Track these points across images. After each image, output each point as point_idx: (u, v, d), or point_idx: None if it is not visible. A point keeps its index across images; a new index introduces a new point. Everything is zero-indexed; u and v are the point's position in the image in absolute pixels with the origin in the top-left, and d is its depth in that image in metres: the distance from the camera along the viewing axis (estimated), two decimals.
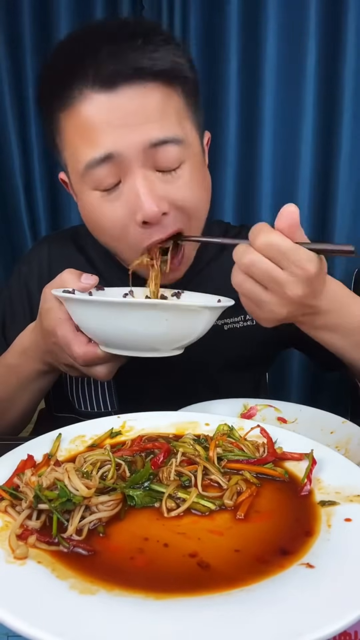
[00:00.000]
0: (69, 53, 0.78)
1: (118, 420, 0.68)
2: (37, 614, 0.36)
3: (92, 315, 0.68)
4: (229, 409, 0.83)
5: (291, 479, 0.56)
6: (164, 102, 0.76)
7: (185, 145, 0.79)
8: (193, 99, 0.83)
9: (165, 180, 0.78)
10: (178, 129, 0.78)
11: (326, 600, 0.37)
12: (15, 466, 0.55)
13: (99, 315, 0.67)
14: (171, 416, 0.70)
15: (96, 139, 0.75)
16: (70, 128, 0.78)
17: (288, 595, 0.38)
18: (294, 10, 1.66)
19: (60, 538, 0.45)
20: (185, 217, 0.81)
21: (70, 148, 0.80)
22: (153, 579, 0.41)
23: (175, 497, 0.52)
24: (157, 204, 0.76)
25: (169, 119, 0.77)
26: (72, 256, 1.02)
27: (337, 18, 1.65)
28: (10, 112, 1.81)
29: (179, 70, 0.78)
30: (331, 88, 1.70)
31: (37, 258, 1.04)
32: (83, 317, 0.70)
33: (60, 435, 0.62)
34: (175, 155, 0.77)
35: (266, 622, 0.36)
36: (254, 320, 0.98)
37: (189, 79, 0.81)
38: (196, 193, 0.82)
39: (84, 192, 0.81)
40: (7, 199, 1.89)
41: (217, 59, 1.73)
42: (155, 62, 0.74)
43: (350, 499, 0.50)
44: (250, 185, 1.77)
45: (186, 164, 0.80)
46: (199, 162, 0.84)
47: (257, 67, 1.71)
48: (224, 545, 0.45)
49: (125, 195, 0.77)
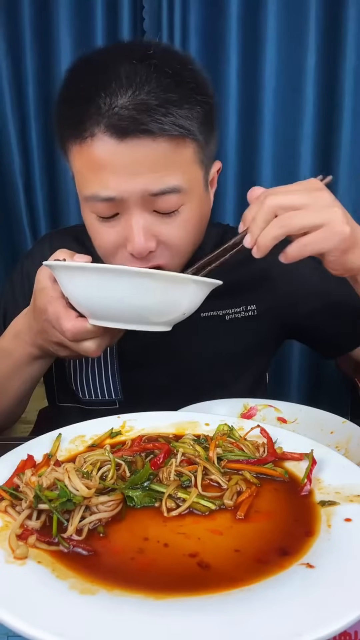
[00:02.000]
0: (86, 88, 0.77)
1: (118, 420, 0.68)
2: (37, 614, 0.36)
3: (79, 283, 0.69)
4: (229, 409, 0.83)
5: (291, 479, 0.56)
6: (172, 154, 0.76)
7: (187, 193, 0.79)
8: (206, 137, 0.82)
9: (162, 221, 0.80)
10: (181, 179, 0.78)
11: (326, 600, 0.37)
12: (15, 466, 0.55)
13: (85, 283, 0.68)
14: (171, 416, 0.70)
15: (101, 179, 0.77)
16: (80, 159, 0.79)
17: (288, 595, 0.38)
18: (294, 10, 1.66)
19: (60, 538, 0.45)
20: (171, 254, 0.82)
21: (78, 173, 0.82)
22: (153, 579, 0.41)
23: (176, 497, 0.52)
24: (147, 243, 0.78)
25: (173, 171, 0.77)
26: (74, 250, 1.02)
27: (337, 18, 1.65)
28: (10, 112, 1.80)
29: (189, 129, 0.77)
30: (331, 88, 1.70)
31: (39, 254, 1.05)
32: (70, 285, 0.71)
33: (60, 436, 0.62)
34: (175, 201, 0.79)
35: (266, 622, 0.36)
36: (255, 310, 0.99)
37: (201, 134, 0.79)
38: (190, 234, 0.83)
39: (85, 211, 0.84)
40: (7, 199, 1.89)
41: (217, 59, 1.73)
42: (165, 127, 0.74)
43: (350, 499, 0.50)
44: (250, 185, 1.77)
45: (186, 206, 0.81)
46: (200, 202, 0.84)
47: (257, 67, 1.71)
48: (224, 545, 0.45)
49: (121, 226, 0.80)
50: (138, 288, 0.66)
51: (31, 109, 1.82)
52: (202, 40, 1.73)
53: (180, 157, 0.78)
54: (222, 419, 0.68)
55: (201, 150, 0.81)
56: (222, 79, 1.73)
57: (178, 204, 0.79)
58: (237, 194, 1.78)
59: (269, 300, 1.00)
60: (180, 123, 0.75)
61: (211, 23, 1.71)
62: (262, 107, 1.73)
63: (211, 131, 0.84)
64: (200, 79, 0.82)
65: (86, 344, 0.77)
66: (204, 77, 0.84)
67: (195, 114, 0.77)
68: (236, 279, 0.98)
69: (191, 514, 0.50)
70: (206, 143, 0.82)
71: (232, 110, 1.75)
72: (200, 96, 0.79)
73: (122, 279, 0.66)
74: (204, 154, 0.83)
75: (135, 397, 0.97)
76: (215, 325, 0.98)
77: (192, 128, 0.77)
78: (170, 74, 0.76)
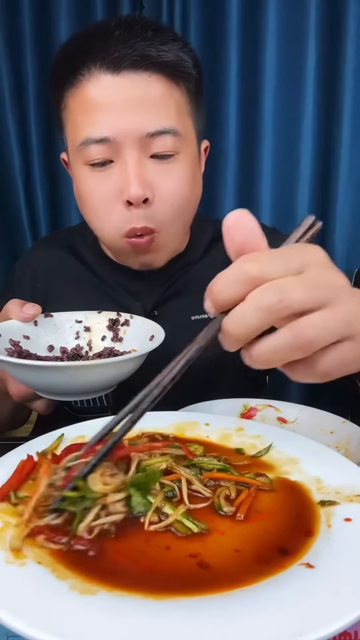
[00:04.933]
0: (82, 36, 0.81)
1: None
2: (37, 614, 0.36)
3: (18, 373, 0.70)
4: (229, 409, 0.83)
5: (291, 480, 0.56)
6: (166, 94, 0.79)
7: (182, 139, 0.81)
8: (195, 99, 0.85)
9: (157, 169, 0.80)
10: (177, 122, 0.80)
11: (326, 600, 0.37)
12: (15, 466, 0.55)
13: (23, 374, 0.69)
14: (171, 416, 0.69)
15: (96, 119, 0.78)
16: (75, 105, 0.81)
17: (288, 595, 0.38)
18: (294, 10, 1.66)
19: (72, 536, 0.44)
20: (164, 211, 0.82)
21: (72, 124, 0.82)
22: (153, 578, 0.41)
23: (160, 512, 0.49)
24: (143, 187, 0.78)
25: (168, 111, 0.79)
26: (62, 258, 1.04)
27: (337, 18, 1.65)
28: (10, 112, 1.81)
29: (183, 66, 0.80)
30: (331, 88, 1.70)
31: (30, 263, 1.07)
32: (12, 373, 0.72)
33: (62, 436, 0.62)
34: (171, 144, 0.80)
35: (266, 622, 0.36)
36: None
37: (192, 77, 0.82)
38: (184, 188, 0.83)
39: (77, 167, 0.84)
40: (7, 199, 1.89)
41: (217, 59, 1.73)
42: (161, 53, 0.77)
43: (350, 499, 0.50)
44: (250, 185, 1.78)
45: (180, 156, 0.82)
46: (193, 160, 0.86)
47: (257, 67, 1.71)
48: (224, 545, 0.45)
49: (115, 175, 0.80)
50: (60, 376, 0.67)
51: (31, 109, 1.82)
52: (202, 40, 1.73)
53: (174, 100, 0.80)
54: (222, 419, 0.68)
55: (192, 108, 0.84)
56: (222, 79, 1.73)
57: (174, 149, 0.80)
58: (237, 194, 1.78)
59: None
60: (176, 53, 0.79)
61: (211, 23, 1.72)
62: (262, 107, 1.73)
63: (199, 97, 0.86)
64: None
65: (35, 404, 0.79)
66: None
67: (188, 57, 0.81)
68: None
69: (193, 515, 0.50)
70: (196, 105, 0.85)
71: (232, 110, 1.75)
72: (190, 52, 0.83)
73: (40, 372, 0.67)
74: (195, 116, 0.85)
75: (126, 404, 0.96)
76: None
77: (185, 66, 0.80)
78: (164, 30, 0.81)
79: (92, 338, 0.87)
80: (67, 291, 1.01)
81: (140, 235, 0.83)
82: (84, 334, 0.88)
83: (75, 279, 1.01)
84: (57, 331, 0.86)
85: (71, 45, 0.83)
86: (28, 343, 0.81)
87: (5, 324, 0.80)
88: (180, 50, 0.80)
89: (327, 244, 1.84)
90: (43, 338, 0.84)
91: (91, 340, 0.87)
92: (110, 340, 0.87)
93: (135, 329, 0.85)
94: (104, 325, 0.88)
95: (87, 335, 0.88)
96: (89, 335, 0.88)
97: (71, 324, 0.88)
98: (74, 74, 0.79)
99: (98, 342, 0.87)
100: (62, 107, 0.84)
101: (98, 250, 1.00)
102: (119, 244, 0.85)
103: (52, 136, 1.83)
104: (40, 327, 0.84)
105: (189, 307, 0.97)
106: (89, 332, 0.88)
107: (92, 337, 0.88)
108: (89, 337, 0.88)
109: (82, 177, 0.83)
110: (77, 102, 0.80)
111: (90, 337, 0.88)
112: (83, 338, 0.87)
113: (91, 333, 0.88)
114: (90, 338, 0.87)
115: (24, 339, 0.81)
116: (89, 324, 0.88)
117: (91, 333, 0.88)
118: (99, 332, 0.87)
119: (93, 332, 0.88)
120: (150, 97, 0.77)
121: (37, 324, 0.84)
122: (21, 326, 0.81)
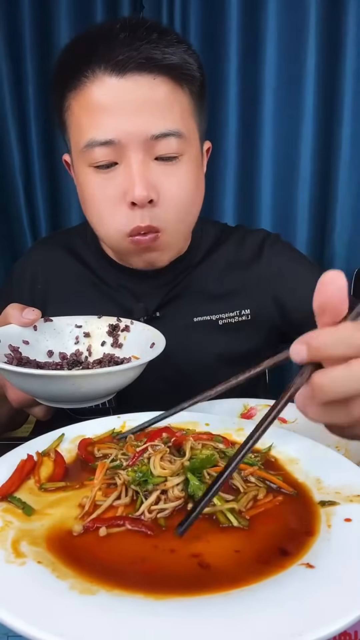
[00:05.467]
0: (86, 38, 0.81)
1: (118, 420, 0.68)
2: (37, 614, 0.36)
3: (18, 381, 0.70)
4: (229, 409, 0.83)
5: (291, 480, 0.56)
6: (170, 97, 0.79)
7: (186, 141, 0.81)
8: (199, 101, 0.85)
9: (161, 170, 0.80)
10: (181, 124, 0.80)
11: (326, 600, 0.37)
12: (15, 466, 0.55)
13: (23, 382, 0.69)
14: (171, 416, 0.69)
15: (101, 121, 0.78)
16: (79, 107, 0.80)
17: (288, 595, 0.38)
18: (294, 10, 1.66)
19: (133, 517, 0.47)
20: (169, 211, 0.82)
21: (76, 126, 0.82)
22: (153, 578, 0.41)
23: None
24: (147, 189, 0.78)
25: (173, 114, 0.79)
26: (62, 258, 1.04)
27: (337, 18, 1.65)
28: (10, 112, 1.81)
29: (187, 69, 0.80)
30: (331, 88, 1.70)
31: (30, 264, 1.07)
32: (12, 380, 0.72)
33: (62, 435, 0.62)
34: (176, 146, 0.80)
35: (266, 622, 0.36)
36: (249, 315, 0.99)
37: (196, 80, 0.83)
38: (188, 190, 0.84)
39: (80, 169, 0.84)
40: (7, 199, 1.89)
41: (217, 59, 1.73)
42: (166, 55, 0.77)
43: (350, 499, 0.50)
44: (250, 185, 1.78)
45: (184, 158, 0.82)
46: (197, 162, 0.86)
47: (257, 67, 1.71)
48: (224, 545, 0.45)
49: (120, 176, 0.80)
50: (63, 385, 0.67)
51: (31, 109, 1.82)
52: (202, 40, 1.73)
53: (178, 102, 0.80)
54: (222, 419, 0.68)
55: (195, 110, 0.84)
56: (222, 79, 1.74)
57: (178, 151, 0.80)
58: (237, 194, 1.78)
59: (263, 305, 0.99)
60: (181, 56, 0.79)
61: (211, 23, 1.72)
62: (262, 107, 1.73)
63: (203, 100, 0.86)
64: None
65: (34, 410, 0.79)
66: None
67: (192, 60, 0.81)
68: (231, 284, 0.98)
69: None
70: (199, 107, 0.85)
71: (232, 110, 1.75)
72: (194, 54, 0.83)
73: (57, 381, 0.66)
74: (198, 118, 0.85)
75: (128, 405, 0.96)
76: (208, 330, 0.98)
77: (190, 69, 0.80)
78: (168, 32, 0.80)
79: (91, 343, 0.87)
80: (67, 292, 1.01)
81: (144, 234, 0.83)
82: (84, 340, 0.87)
83: (76, 280, 1.01)
84: (56, 336, 0.86)
85: (74, 47, 0.82)
86: (27, 348, 0.81)
87: (5, 330, 0.79)
88: (184, 52, 0.80)
89: (327, 244, 1.84)
90: (42, 343, 0.84)
91: (91, 346, 0.87)
92: (110, 346, 0.86)
93: (135, 335, 0.85)
94: (104, 330, 0.87)
95: (87, 341, 0.87)
96: (89, 340, 0.87)
97: (71, 329, 0.87)
98: (78, 76, 0.79)
99: (98, 347, 0.86)
100: (65, 109, 0.84)
101: (99, 251, 1.00)
102: (123, 244, 0.85)
103: (52, 136, 1.83)
104: (40, 332, 0.84)
105: (190, 309, 0.97)
106: (89, 338, 0.87)
107: (91, 342, 0.87)
108: (88, 342, 0.87)
109: (86, 179, 0.83)
110: (81, 104, 0.80)
111: (90, 342, 0.87)
112: (83, 343, 0.87)
113: (91, 338, 0.87)
114: (90, 343, 0.87)
115: (23, 344, 0.80)
116: (89, 329, 0.88)
117: (91, 338, 0.87)
118: (98, 338, 0.87)
119: (93, 338, 0.87)
120: (155, 100, 0.77)
121: (37, 328, 0.83)
122: (21, 331, 0.81)
